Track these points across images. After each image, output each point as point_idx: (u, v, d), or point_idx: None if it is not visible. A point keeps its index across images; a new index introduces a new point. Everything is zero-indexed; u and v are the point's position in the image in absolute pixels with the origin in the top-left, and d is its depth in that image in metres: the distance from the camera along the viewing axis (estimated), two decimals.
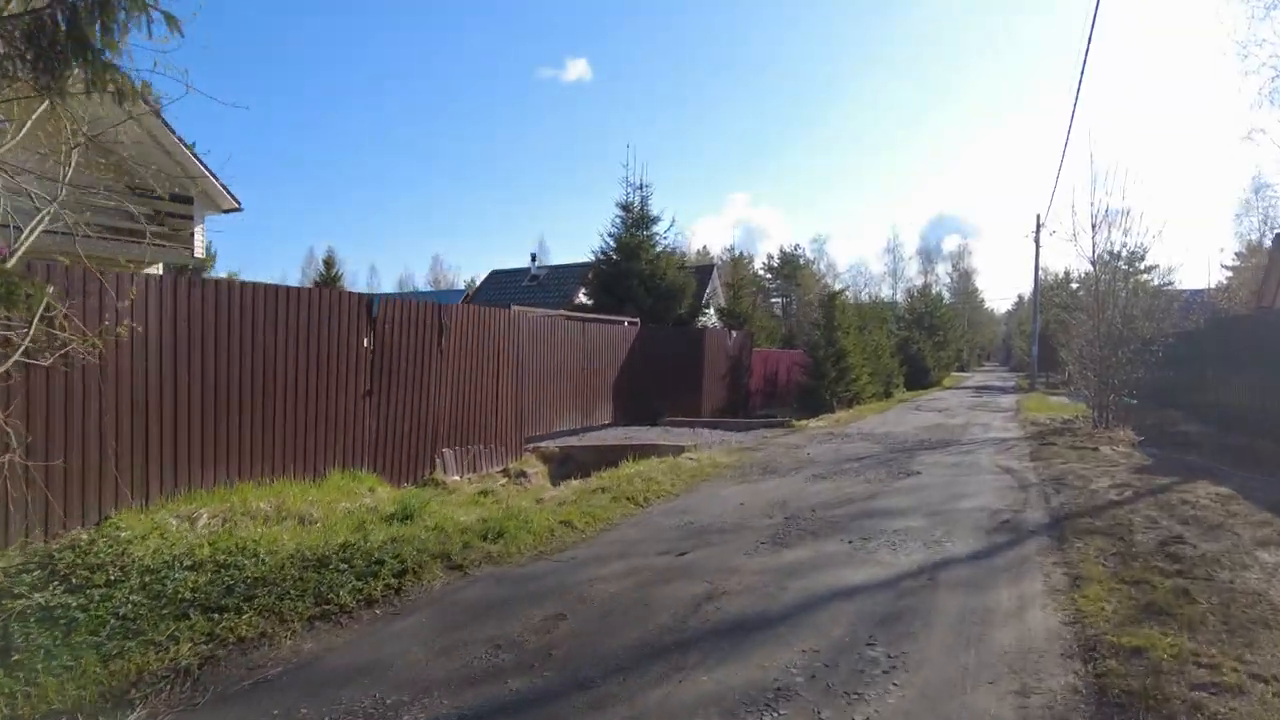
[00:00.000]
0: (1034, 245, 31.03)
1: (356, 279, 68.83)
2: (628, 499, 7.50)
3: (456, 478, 9.73)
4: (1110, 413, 15.54)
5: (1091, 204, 16.00)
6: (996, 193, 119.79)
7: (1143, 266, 16.85)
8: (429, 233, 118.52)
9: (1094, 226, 15.87)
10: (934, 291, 46.12)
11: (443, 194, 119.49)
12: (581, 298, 22.36)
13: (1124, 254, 15.78)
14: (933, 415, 19.16)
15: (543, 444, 12.25)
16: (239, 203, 11.59)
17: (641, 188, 21.22)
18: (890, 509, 7.15)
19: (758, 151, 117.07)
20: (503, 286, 26.42)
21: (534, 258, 27.28)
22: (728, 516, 6.90)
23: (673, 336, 17.28)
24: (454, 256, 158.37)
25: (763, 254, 72.51)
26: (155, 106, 5.83)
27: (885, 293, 63.11)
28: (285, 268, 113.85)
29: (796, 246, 69.52)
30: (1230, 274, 38.51)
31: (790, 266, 69.94)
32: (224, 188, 10.71)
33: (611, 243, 21.16)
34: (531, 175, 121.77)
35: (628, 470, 8.80)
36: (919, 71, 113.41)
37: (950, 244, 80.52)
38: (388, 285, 63.46)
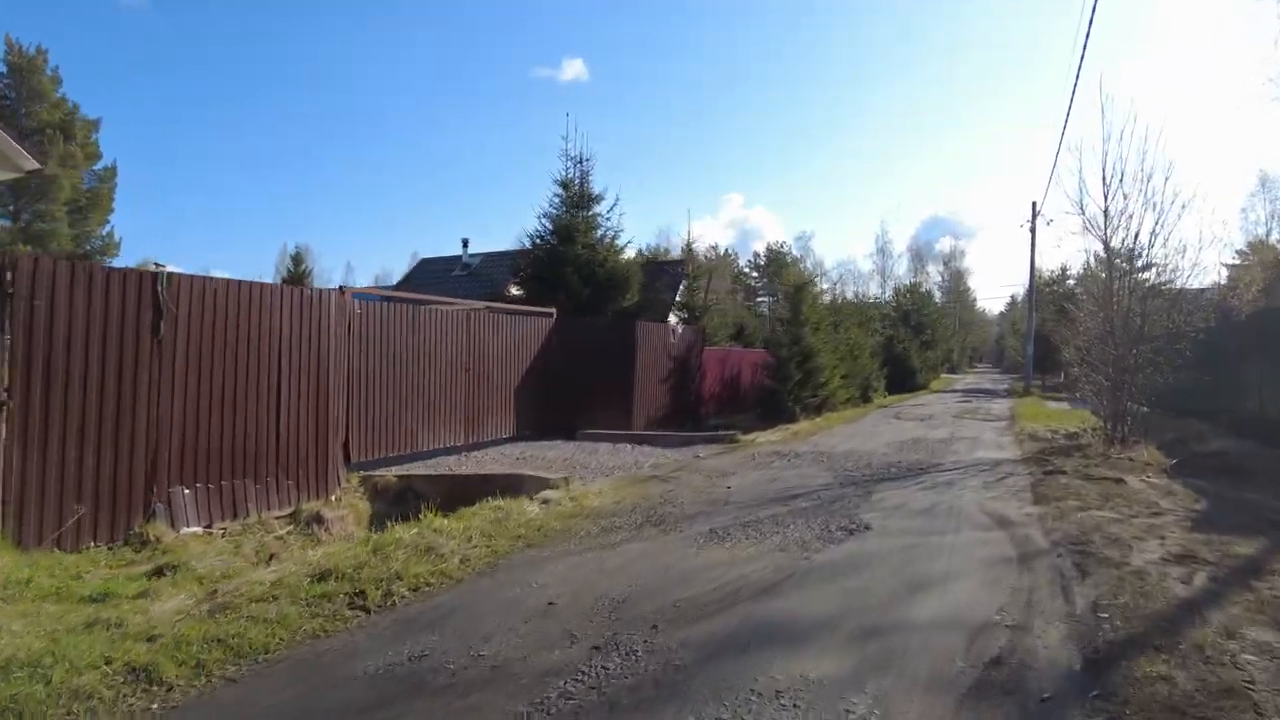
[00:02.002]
0: (1029, 234, 27.89)
1: (331, 276, 65.61)
2: (355, 596, 4.34)
3: (196, 529, 6.55)
4: (1126, 424, 12.42)
5: (1103, 169, 12.83)
6: (991, 195, 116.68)
7: (1166, 248, 13.67)
8: (414, 232, 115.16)
9: (1107, 195, 12.74)
10: (924, 289, 42.94)
11: (429, 193, 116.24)
12: (513, 289, 19.23)
13: (1144, 230, 12.61)
14: (912, 425, 16.01)
15: (380, 472, 9.08)
16: (41, 163, 10.45)
17: (582, 161, 18.05)
18: (795, 622, 3.99)
19: (752, 152, 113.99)
20: (432, 277, 23.28)
21: (465, 244, 24.12)
22: (494, 645, 3.74)
23: (598, 332, 14.15)
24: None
25: (756, 255, 69.34)
26: None
27: (874, 291, 59.96)
28: (260, 264, 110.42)
29: (782, 244, 66.46)
30: (1232, 270, 35.49)
31: (776, 264, 66.77)
32: (21, 147, 8.96)
33: (548, 225, 17.99)
34: (523, 175, 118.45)
35: (412, 532, 5.61)
36: (913, 72, 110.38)
37: (943, 246, 77.20)
38: (363, 281, 60.40)
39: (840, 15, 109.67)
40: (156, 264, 9.57)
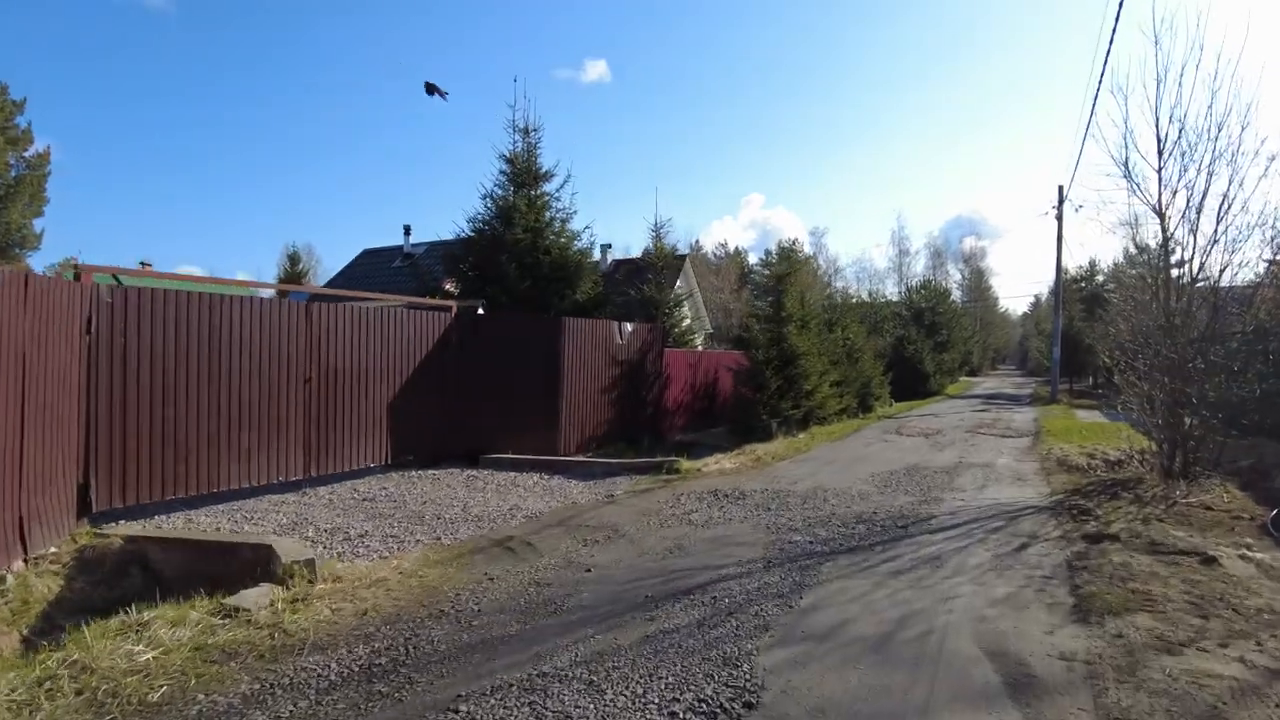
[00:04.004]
0: (1055, 223, 24.41)
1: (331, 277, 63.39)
2: None
3: None
4: (1189, 451, 9.23)
5: (1155, 117, 9.65)
6: (1018, 195, 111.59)
7: (1249, 216, 10.37)
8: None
9: (1162, 151, 9.57)
10: (939, 286, 39.29)
11: (446, 194, 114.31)
12: (448, 284, 16.39)
13: (1212, 194, 9.37)
14: (913, 445, 12.87)
15: (117, 526, 6.25)
16: None
17: (529, 132, 15.16)
18: None
19: (773, 153, 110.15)
20: (372, 269, 20.57)
21: (407, 231, 21.19)
22: None
23: (514, 331, 11.25)
24: None
25: (767, 253, 65.83)
26: None
27: (891, 290, 56.29)
28: (261, 264, 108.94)
29: (794, 241, 63.17)
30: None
31: (788, 262, 63.55)
32: None
33: (490, 207, 15.11)
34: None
35: None
36: (931, 72, 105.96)
37: (966, 246, 72.67)
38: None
39: (865, 16, 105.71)
40: (77, 265, 6.96)
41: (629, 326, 13.15)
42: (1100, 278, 36.84)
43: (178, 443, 7.11)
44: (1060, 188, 24.42)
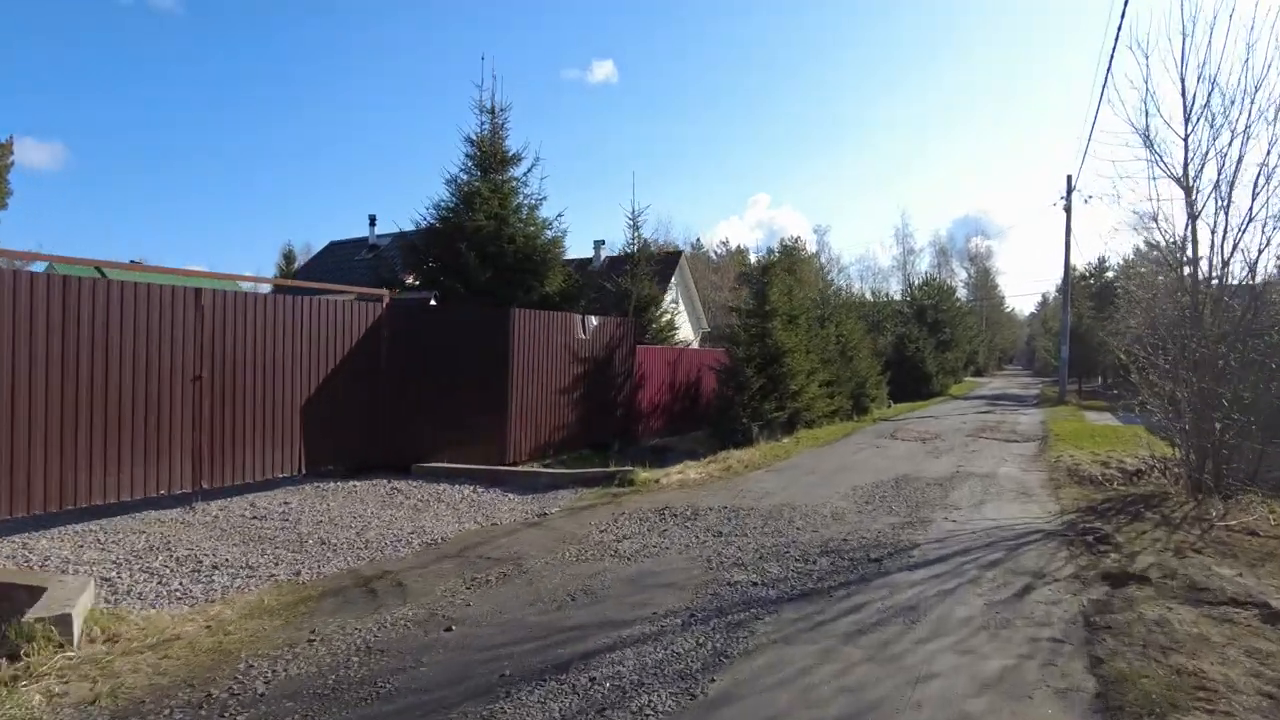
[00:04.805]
0: (1065, 214, 22.95)
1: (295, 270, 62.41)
2: None
3: None
4: (1223, 459, 7.92)
5: (1181, 76, 8.34)
6: (1023, 193, 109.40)
7: None
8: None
9: (1189, 117, 8.28)
10: (942, 283, 37.76)
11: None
12: (409, 277, 15.18)
13: (1248, 164, 8.03)
14: (906, 451, 11.56)
15: None
16: None
17: (495, 112, 13.93)
18: None
19: (779, 152, 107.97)
20: (339, 261, 19.35)
21: (372, 221, 19.97)
22: None
23: (457, 323, 10.01)
24: None
25: (770, 251, 64.30)
26: None
27: (894, 289, 54.75)
28: (261, 263, 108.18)
29: (797, 239, 61.78)
30: None
31: (789, 260, 61.99)
32: None
33: (454, 194, 13.87)
34: (554, 178, 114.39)
35: None
36: (941, 73, 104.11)
37: (973, 245, 70.68)
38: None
39: (870, 10, 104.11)
40: None
41: (594, 320, 11.89)
42: (1110, 274, 35.28)
43: (15, 450, 5.91)
44: (1069, 177, 23.00)
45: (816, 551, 5.36)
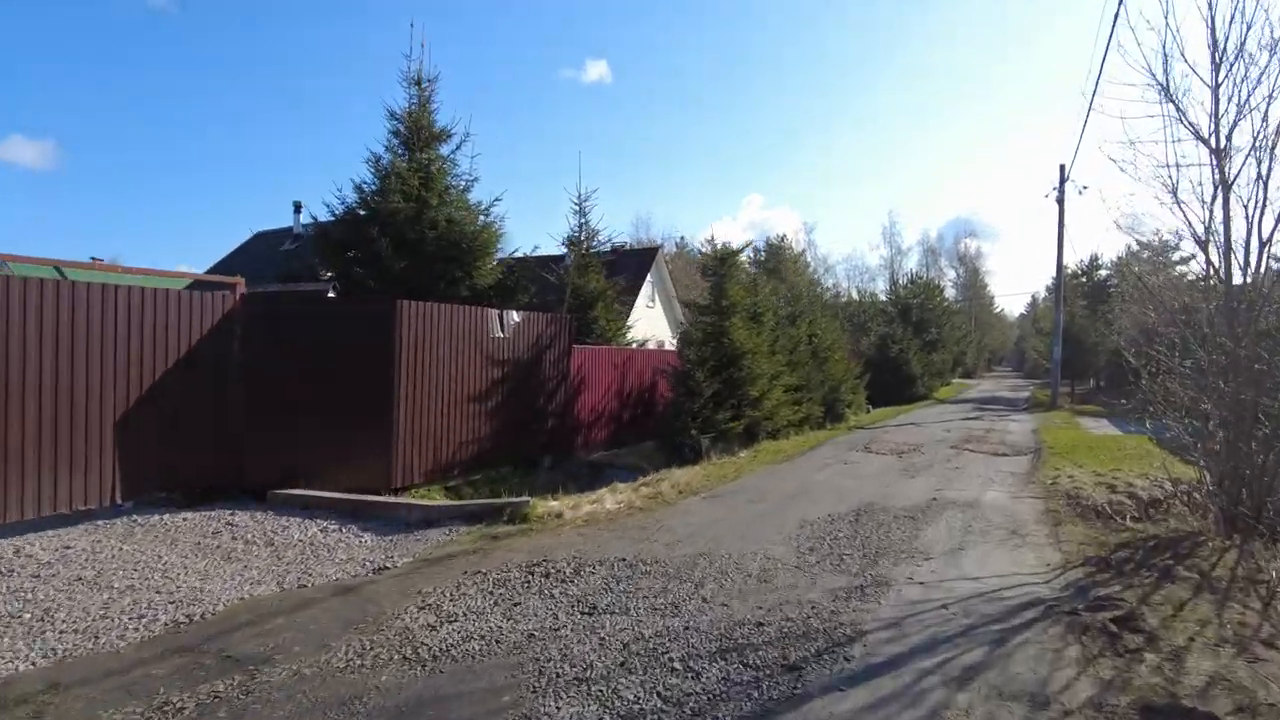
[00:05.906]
0: (1056, 206, 21.32)
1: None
2: None
3: None
4: (1264, 489, 6.24)
5: (1212, 17, 6.69)
6: (1014, 193, 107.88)
7: None
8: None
9: (1219, 63, 6.63)
10: (928, 280, 36.10)
11: None
12: (325, 271, 13.39)
13: None
14: (879, 467, 9.86)
15: None
16: None
17: (421, 84, 12.18)
18: None
19: (772, 153, 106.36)
20: (264, 252, 17.56)
21: (297, 208, 18.11)
22: None
23: (331, 319, 8.24)
24: None
25: (756, 250, 62.45)
26: None
27: (881, 289, 53.15)
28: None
29: (783, 237, 60.17)
30: None
31: (776, 258, 60.57)
32: None
33: (374, 175, 12.09)
34: (552, 179, 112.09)
35: None
36: (933, 74, 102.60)
37: (964, 247, 68.82)
38: None
39: (861, 15, 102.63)
40: None
41: (515, 316, 10.12)
42: (1104, 272, 33.75)
43: None
44: (1062, 167, 21.38)
45: (713, 648, 3.63)
